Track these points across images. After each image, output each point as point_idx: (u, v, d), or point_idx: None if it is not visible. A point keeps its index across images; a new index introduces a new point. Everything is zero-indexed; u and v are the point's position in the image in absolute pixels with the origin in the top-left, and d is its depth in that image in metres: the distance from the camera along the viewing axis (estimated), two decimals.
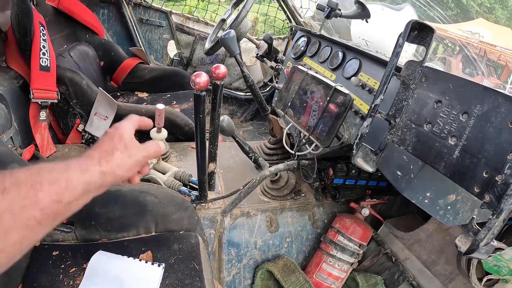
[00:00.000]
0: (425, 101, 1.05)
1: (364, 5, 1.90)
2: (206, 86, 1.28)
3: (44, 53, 2.07)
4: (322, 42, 1.99)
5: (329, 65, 1.83)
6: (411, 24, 1.04)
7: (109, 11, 3.45)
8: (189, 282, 1.33)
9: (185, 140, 2.35)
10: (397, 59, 1.07)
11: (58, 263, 1.39)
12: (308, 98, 1.44)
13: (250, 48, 3.42)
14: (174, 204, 1.54)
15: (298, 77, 1.52)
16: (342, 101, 1.26)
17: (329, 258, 1.86)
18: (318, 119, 1.36)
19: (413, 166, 1.17)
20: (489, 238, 0.81)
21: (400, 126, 1.11)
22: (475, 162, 0.88)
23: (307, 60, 2.04)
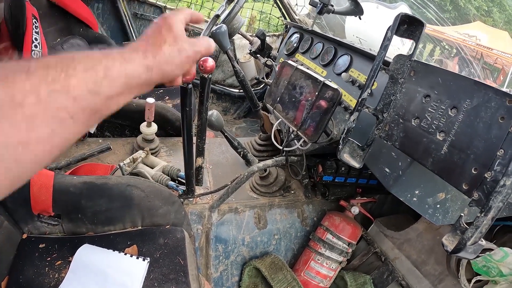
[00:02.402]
0: (414, 95, 1.02)
1: (357, 2, 1.88)
2: (192, 79, 1.25)
3: (36, 45, 2.04)
4: (314, 38, 1.97)
5: (320, 61, 1.80)
6: (400, 17, 1.00)
7: (103, 5, 3.40)
8: (174, 277, 1.32)
9: (176, 135, 2.32)
10: (385, 52, 1.03)
11: (44, 255, 1.38)
12: (297, 93, 1.41)
13: (245, 45, 3.40)
14: (160, 198, 1.52)
15: (288, 72, 1.49)
16: (331, 96, 1.22)
17: (318, 256, 1.84)
18: (307, 114, 1.33)
19: (402, 163, 1.14)
20: (476, 237, 0.78)
21: (387, 121, 1.08)
22: (464, 158, 0.85)
23: (299, 56, 2.02)
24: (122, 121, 2.30)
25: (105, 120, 2.10)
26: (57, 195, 1.40)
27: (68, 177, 1.45)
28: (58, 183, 1.40)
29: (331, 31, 2.19)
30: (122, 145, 2.12)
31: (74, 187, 1.41)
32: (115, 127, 2.33)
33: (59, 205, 1.42)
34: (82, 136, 2.14)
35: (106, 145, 1.95)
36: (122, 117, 2.27)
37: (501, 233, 1.55)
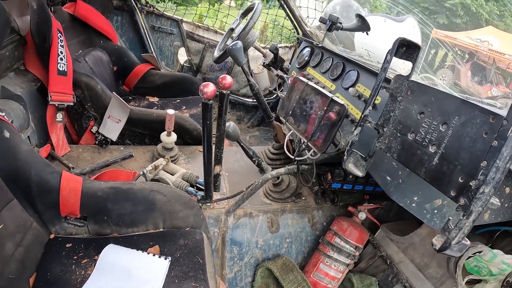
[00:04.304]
0: (410, 112, 1.15)
1: (364, 19, 1.98)
2: (213, 95, 1.38)
3: (61, 58, 2.19)
4: (324, 53, 2.09)
5: (330, 76, 1.92)
6: (398, 41, 1.14)
7: (122, 18, 3.57)
8: (193, 274, 1.40)
9: (193, 144, 2.44)
10: (384, 73, 1.16)
11: (71, 254, 1.47)
12: (307, 107, 1.54)
13: (258, 56, 3.52)
14: (181, 203, 1.62)
15: (299, 87, 1.62)
16: (338, 110, 1.36)
17: (326, 259, 1.94)
18: (316, 127, 1.46)
19: (401, 172, 1.27)
20: (460, 237, 0.90)
21: (387, 134, 1.21)
22: (452, 168, 0.98)
23: (310, 70, 2.14)
24: (142, 130, 2.44)
25: (126, 128, 2.26)
26: (84, 199, 1.51)
27: (96, 182, 1.57)
28: (86, 187, 1.52)
29: (341, 44, 2.30)
30: (142, 153, 2.27)
31: (101, 191, 1.53)
32: (136, 135, 2.48)
33: (86, 208, 1.53)
34: (105, 143, 2.30)
35: (128, 153, 2.10)
36: (142, 127, 2.41)
37: (501, 237, 1.65)
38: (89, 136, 2.37)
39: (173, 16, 3.66)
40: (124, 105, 2.25)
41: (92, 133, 2.35)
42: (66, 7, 2.81)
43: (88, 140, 2.39)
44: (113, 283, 1.37)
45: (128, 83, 3.13)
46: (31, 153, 1.50)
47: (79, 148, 2.31)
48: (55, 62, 2.17)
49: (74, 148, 2.29)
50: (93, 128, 2.33)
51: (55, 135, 2.18)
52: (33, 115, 2.09)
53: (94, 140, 2.36)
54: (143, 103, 2.92)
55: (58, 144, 2.18)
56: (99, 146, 2.32)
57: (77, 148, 2.30)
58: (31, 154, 1.49)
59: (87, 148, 2.31)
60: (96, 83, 2.29)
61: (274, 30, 4.42)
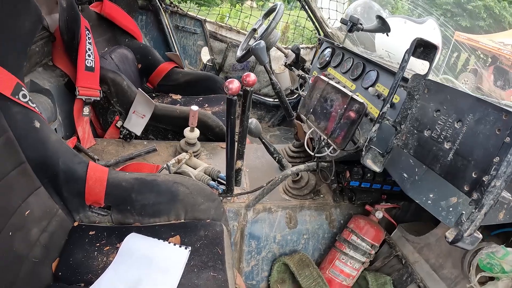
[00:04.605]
0: (427, 110, 1.20)
1: (384, 20, 2.02)
2: (237, 91, 1.45)
3: (89, 54, 2.29)
4: (345, 53, 2.14)
5: (350, 76, 1.97)
6: (416, 41, 1.19)
7: (147, 18, 3.70)
8: (212, 264, 1.45)
9: (215, 141, 2.52)
10: (402, 72, 1.22)
11: (93, 241, 1.54)
12: (328, 105, 1.60)
13: (280, 56, 3.58)
14: (203, 196, 1.67)
15: (320, 86, 1.68)
16: (357, 108, 1.42)
17: (342, 256, 1.98)
18: (336, 124, 1.51)
19: (418, 169, 1.32)
20: (472, 229, 0.95)
21: (404, 131, 1.27)
22: (466, 164, 1.03)
23: (331, 70, 2.19)
24: (166, 126, 2.53)
25: (150, 124, 2.35)
26: (109, 189, 1.58)
27: (121, 173, 1.65)
28: (111, 178, 1.59)
29: (362, 45, 2.34)
30: (166, 148, 2.35)
31: (126, 182, 1.60)
32: (159, 131, 2.57)
33: (111, 198, 1.60)
34: (129, 138, 2.40)
35: (152, 147, 2.19)
36: (166, 122, 2.50)
37: None
38: (114, 130, 2.48)
39: (196, 16, 3.77)
40: (149, 101, 2.35)
41: (117, 127, 2.45)
42: (93, 6, 2.95)
43: (113, 134, 2.49)
44: (133, 269, 1.42)
45: (152, 81, 3.23)
46: (59, 143, 1.57)
47: (104, 141, 2.41)
48: (83, 58, 2.27)
49: (99, 141, 2.39)
50: (118, 123, 2.43)
51: (81, 128, 2.28)
52: (60, 109, 2.19)
53: (118, 134, 2.46)
54: (166, 100, 3.02)
55: (84, 137, 2.28)
56: (123, 140, 2.42)
57: (101, 142, 2.40)
58: (59, 144, 1.57)
59: (111, 141, 2.41)
60: (122, 79, 2.39)
61: (296, 31, 4.49)
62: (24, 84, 1.47)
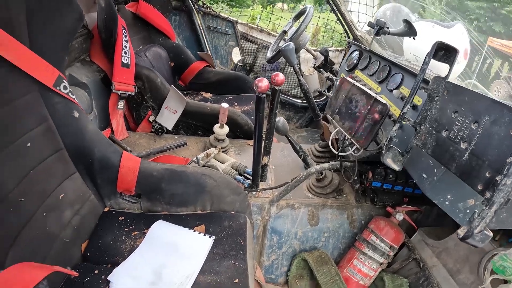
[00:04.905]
0: (445, 111, 1.27)
1: (410, 24, 2.06)
2: (266, 90, 1.53)
3: (125, 52, 2.44)
4: (372, 56, 2.19)
5: (376, 78, 2.03)
6: (437, 44, 1.26)
7: (180, 18, 3.87)
8: (234, 253, 1.51)
9: (244, 138, 2.61)
10: (423, 74, 1.29)
11: (122, 226, 1.64)
12: (352, 106, 1.68)
13: (309, 59, 3.65)
14: (229, 188, 1.75)
15: (346, 88, 1.76)
16: (380, 109, 1.49)
17: (361, 255, 2.03)
18: (360, 124, 1.59)
19: (437, 170, 1.38)
20: (482, 226, 1.01)
21: (423, 132, 1.33)
22: (480, 164, 1.09)
23: (358, 72, 2.25)
24: (196, 122, 2.64)
25: (181, 119, 2.48)
26: (141, 178, 1.69)
27: (152, 163, 1.75)
28: (143, 167, 1.70)
29: (390, 49, 2.38)
30: (195, 143, 2.46)
31: (157, 172, 1.71)
32: (189, 126, 2.68)
33: (141, 186, 1.70)
34: (161, 132, 2.53)
35: (183, 141, 2.31)
36: (196, 118, 2.62)
37: None
38: (146, 124, 2.60)
39: (228, 17, 3.89)
40: (181, 97, 2.47)
41: (149, 121, 2.57)
42: (129, 6, 3.10)
43: (145, 128, 2.62)
44: (159, 254, 1.50)
45: (184, 79, 3.36)
46: (96, 133, 1.69)
47: (136, 134, 2.54)
48: (119, 55, 2.41)
49: (132, 134, 2.52)
50: (151, 117, 2.56)
51: (116, 121, 2.41)
52: (96, 102, 2.33)
53: (150, 128, 2.58)
54: (197, 98, 3.13)
55: (118, 130, 2.41)
56: (155, 134, 2.54)
57: (134, 135, 2.53)
58: (96, 134, 1.68)
59: (143, 135, 2.54)
60: (156, 76, 2.52)
61: (326, 34, 4.55)
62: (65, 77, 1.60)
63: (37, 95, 1.48)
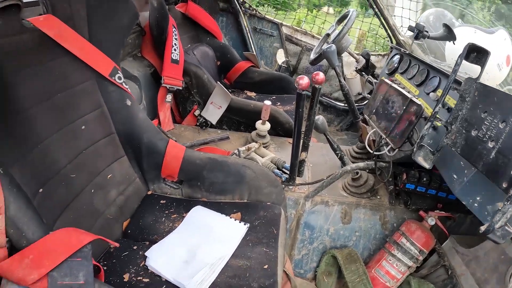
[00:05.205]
0: (475, 111, 1.34)
1: (450, 28, 2.08)
2: (307, 87, 1.64)
3: (175, 49, 2.63)
4: (411, 60, 2.23)
5: (414, 82, 2.06)
6: (468, 46, 1.33)
7: (227, 19, 4.05)
8: (266, 241, 1.59)
9: (284, 136, 2.71)
10: (454, 75, 1.37)
11: (163, 209, 1.78)
12: (389, 107, 1.76)
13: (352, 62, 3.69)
14: (267, 180, 1.85)
15: (384, 89, 1.84)
16: (415, 110, 1.57)
17: (390, 257, 2.04)
18: (395, 124, 1.67)
19: (467, 171, 1.41)
20: (502, 221, 1.07)
21: (454, 131, 1.41)
22: (506, 162, 1.15)
23: (398, 76, 2.29)
24: (239, 118, 2.78)
25: (225, 115, 2.63)
26: (184, 165, 1.82)
27: (196, 152, 1.89)
28: (187, 155, 1.84)
29: (432, 54, 2.40)
30: (237, 138, 2.60)
31: (200, 160, 1.84)
32: (233, 122, 2.83)
33: (184, 173, 1.84)
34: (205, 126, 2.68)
35: (225, 135, 2.45)
36: (240, 115, 2.76)
37: None
38: (191, 118, 2.78)
39: (273, 19, 4.02)
40: (226, 94, 2.61)
41: (195, 115, 2.75)
42: (178, 6, 3.33)
43: (190, 121, 2.79)
44: (195, 236, 1.61)
45: (229, 77, 3.52)
46: (146, 120, 1.85)
47: (181, 127, 2.71)
48: (169, 52, 2.61)
49: (177, 126, 2.70)
50: (196, 112, 2.73)
51: (163, 113, 2.60)
52: (146, 94, 2.52)
53: (195, 122, 2.75)
54: (242, 96, 3.27)
55: (164, 121, 2.59)
56: (199, 128, 2.70)
57: (179, 127, 2.70)
58: (145, 122, 1.84)
59: (188, 128, 2.70)
60: (203, 72, 2.69)
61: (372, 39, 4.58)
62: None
63: (94, 83, 1.66)
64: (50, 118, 1.43)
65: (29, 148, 1.31)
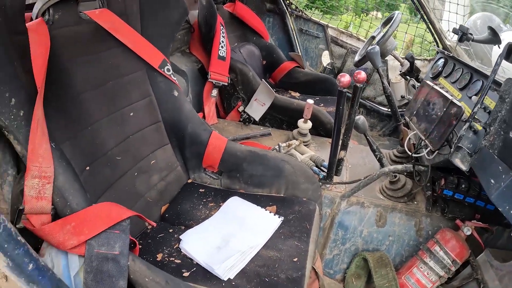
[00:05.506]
0: None
1: (495, 31, 2.02)
2: (348, 84, 1.68)
3: (222, 46, 2.75)
4: (456, 64, 2.20)
5: (458, 85, 2.04)
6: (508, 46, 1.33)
7: (274, 20, 4.15)
8: (298, 235, 1.62)
9: (325, 136, 2.75)
10: (494, 75, 1.37)
11: (201, 197, 1.87)
12: (430, 108, 1.76)
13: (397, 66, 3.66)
14: (305, 177, 1.88)
15: (425, 91, 1.84)
16: (455, 112, 1.57)
17: (421, 265, 2.00)
18: (434, 126, 1.67)
19: (505, 176, 1.38)
20: None
21: (492, 133, 1.40)
22: None
23: (442, 80, 2.27)
24: (282, 116, 2.86)
25: (268, 112, 2.72)
26: (225, 156, 1.89)
27: (238, 144, 1.96)
28: (229, 147, 1.91)
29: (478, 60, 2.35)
30: (279, 135, 2.67)
31: (241, 153, 1.90)
32: (275, 120, 2.91)
33: (224, 164, 1.92)
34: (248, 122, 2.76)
35: (268, 131, 2.53)
36: (283, 113, 2.84)
37: None
38: (235, 113, 2.89)
39: (319, 21, 4.09)
40: (270, 91, 2.69)
41: (238, 111, 2.86)
42: (226, 6, 3.46)
43: (234, 117, 2.90)
44: (229, 224, 1.67)
45: (274, 77, 3.62)
46: (191, 111, 1.95)
47: (225, 122, 2.82)
48: (216, 49, 2.74)
49: (221, 121, 2.81)
50: (240, 108, 2.84)
51: (208, 107, 2.71)
52: (192, 89, 2.63)
53: (239, 117, 2.87)
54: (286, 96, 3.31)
55: (209, 115, 2.71)
56: (242, 123, 2.81)
57: (223, 122, 2.81)
58: (191, 113, 1.94)
59: (231, 123, 2.82)
60: (249, 70, 2.78)
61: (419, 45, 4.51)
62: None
63: (144, 74, 1.79)
64: (101, 103, 1.55)
65: (80, 129, 1.43)
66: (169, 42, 1.92)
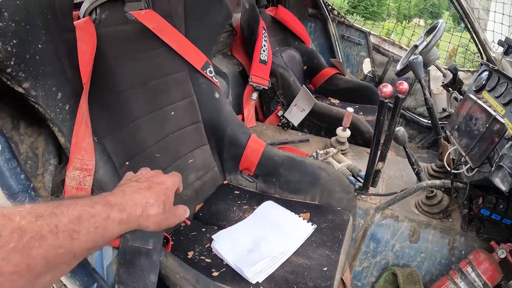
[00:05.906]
0: None
1: None
2: (390, 95, 1.68)
3: (264, 50, 2.79)
4: (500, 77, 2.13)
5: (502, 100, 1.97)
6: None
7: (315, 25, 4.15)
8: (329, 244, 1.60)
9: (363, 146, 2.74)
10: None
11: (236, 199, 1.87)
12: (472, 124, 1.73)
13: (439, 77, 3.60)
14: (340, 186, 1.87)
15: (468, 105, 1.82)
16: (498, 129, 1.53)
17: (452, 285, 1.94)
18: (476, 142, 1.65)
19: None
20: None
21: None
22: None
23: (485, 94, 2.19)
24: (321, 123, 2.87)
25: (307, 118, 2.77)
26: (263, 160, 1.91)
27: (275, 149, 1.97)
28: (267, 151, 1.92)
29: None
30: (317, 142, 2.69)
31: (278, 157, 1.91)
32: (314, 126, 2.91)
33: (261, 168, 1.93)
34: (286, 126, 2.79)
35: (306, 137, 2.55)
36: (322, 119, 2.84)
37: None
38: (274, 118, 2.93)
39: (361, 28, 4.07)
40: (310, 97, 2.71)
41: (278, 116, 2.91)
42: (269, 10, 3.50)
43: (272, 121, 2.95)
44: (262, 228, 1.66)
45: (315, 83, 3.63)
46: (231, 113, 1.98)
47: (264, 125, 2.86)
48: (258, 52, 2.78)
49: (259, 124, 2.86)
50: (279, 112, 2.88)
51: (247, 110, 2.77)
52: (232, 90, 2.69)
53: (277, 122, 2.90)
54: (325, 102, 3.33)
55: (248, 118, 2.76)
56: (280, 128, 2.84)
57: (261, 125, 2.86)
58: (231, 115, 1.98)
59: (270, 127, 2.85)
60: (290, 75, 2.82)
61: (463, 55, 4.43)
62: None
63: (186, 74, 1.84)
64: (143, 101, 1.61)
65: (122, 125, 1.50)
66: (212, 45, 1.97)
